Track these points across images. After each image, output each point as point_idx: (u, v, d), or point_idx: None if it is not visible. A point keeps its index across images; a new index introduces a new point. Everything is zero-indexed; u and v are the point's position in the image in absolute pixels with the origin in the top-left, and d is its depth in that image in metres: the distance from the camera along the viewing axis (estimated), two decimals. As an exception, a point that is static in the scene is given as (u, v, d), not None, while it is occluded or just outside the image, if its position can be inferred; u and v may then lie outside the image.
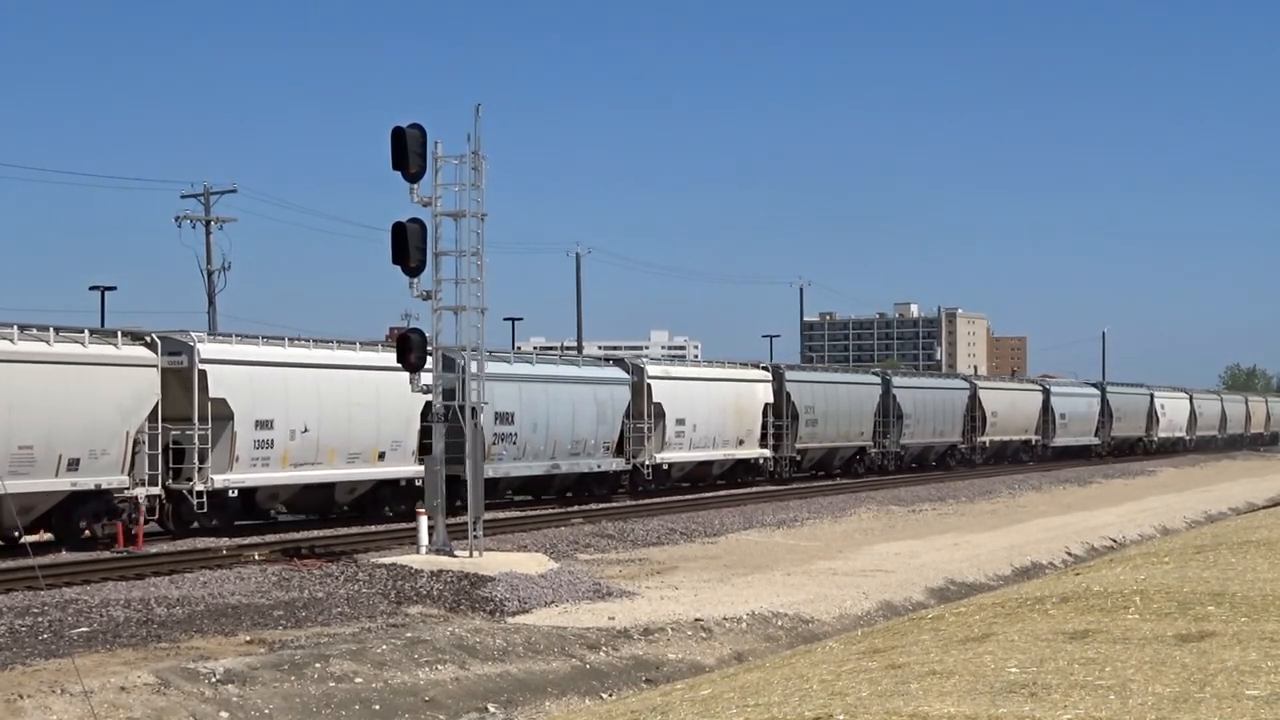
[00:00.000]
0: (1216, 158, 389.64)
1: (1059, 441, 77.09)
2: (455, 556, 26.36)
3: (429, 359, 27.35)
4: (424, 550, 26.96)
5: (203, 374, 30.63)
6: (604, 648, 20.73)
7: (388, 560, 26.37)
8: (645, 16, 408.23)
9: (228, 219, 57.91)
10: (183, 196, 57.81)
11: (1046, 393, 77.16)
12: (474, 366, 27.17)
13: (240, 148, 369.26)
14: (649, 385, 45.44)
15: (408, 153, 26.12)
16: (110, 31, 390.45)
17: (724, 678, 13.70)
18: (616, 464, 43.62)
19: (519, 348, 68.60)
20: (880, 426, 60.16)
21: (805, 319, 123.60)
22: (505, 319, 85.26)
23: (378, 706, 17.03)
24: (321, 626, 20.65)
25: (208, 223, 57.41)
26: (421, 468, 35.46)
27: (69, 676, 15.74)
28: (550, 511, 38.69)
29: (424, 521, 27.53)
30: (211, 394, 30.76)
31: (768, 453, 52.03)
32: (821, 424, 55.42)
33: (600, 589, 25.28)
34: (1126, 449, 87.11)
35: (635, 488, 44.93)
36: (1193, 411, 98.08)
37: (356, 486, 35.26)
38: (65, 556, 27.02)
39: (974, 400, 68.68)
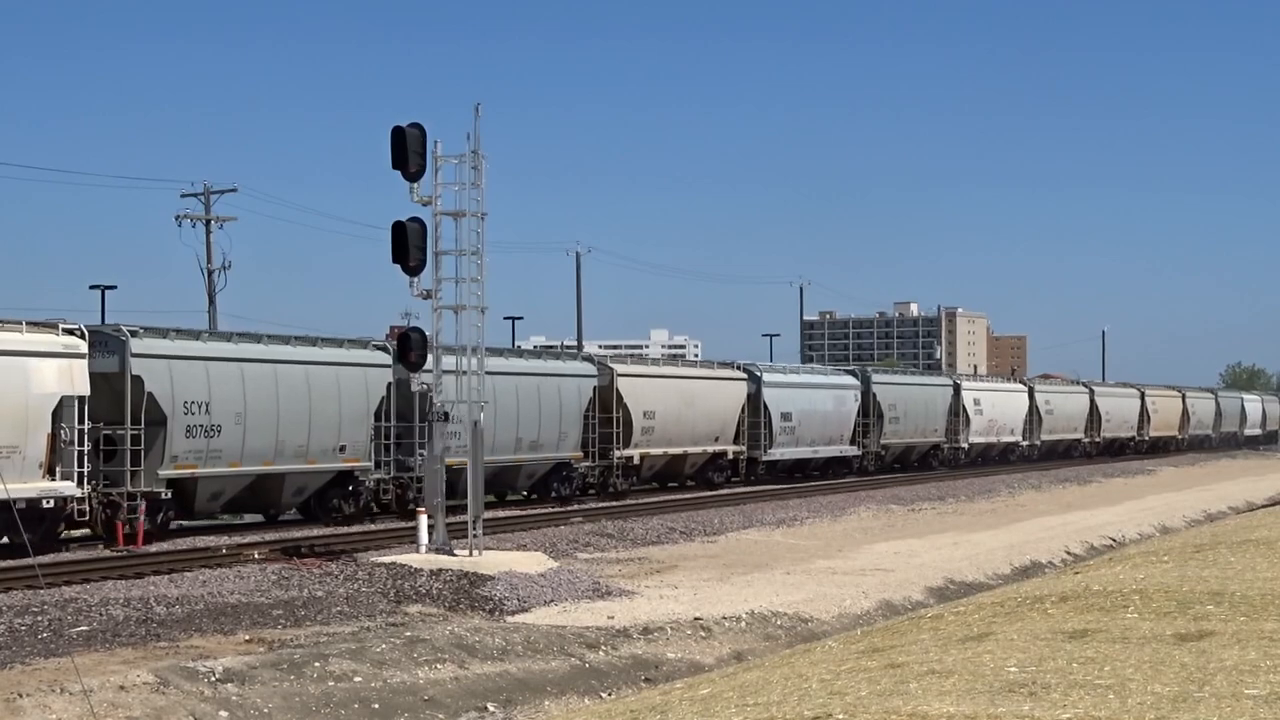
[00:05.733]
0: (1218, 156, 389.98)
1: (780, 453, 52.97)
2: (455, 555, 26.38)
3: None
4: (423, 549, 26.97)
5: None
6: (603, 647, 20.73)
7: (387, 559, 26.39)
8: (645, 16, 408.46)
9: (228, 218, 57.94)
10: (183, 195, 57.84)
11: (757, 382, 51.94)
12: (474, 365, 27.17)
13: (240, 147, 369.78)
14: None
15: (407, 152, 26.14)
16: (110, 31, 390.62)
17: (723, 677, 13.70)
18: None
19: (519, 346, 68.33)
20: (379, 433, 35.18)
21: (805, 318, 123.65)
22: (505, 318, 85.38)
23: (377, 706, 17.03)
24: (321, 625, 20.65)
25: (208, 222, 57.40)
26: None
27: (68, 675, 15.74)
28: (550, 510, 38.68)
29: (424, 520, 27.55)
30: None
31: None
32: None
33: (600, 588, 25.29)
34: (915, 460, 64.67)
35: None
36: (1034, 409, 74.66)
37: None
38: (65, 555, 27.03)
39: (610, 394, 43.27)
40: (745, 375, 51.43)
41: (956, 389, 67.03)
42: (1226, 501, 54.15)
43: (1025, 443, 73.46)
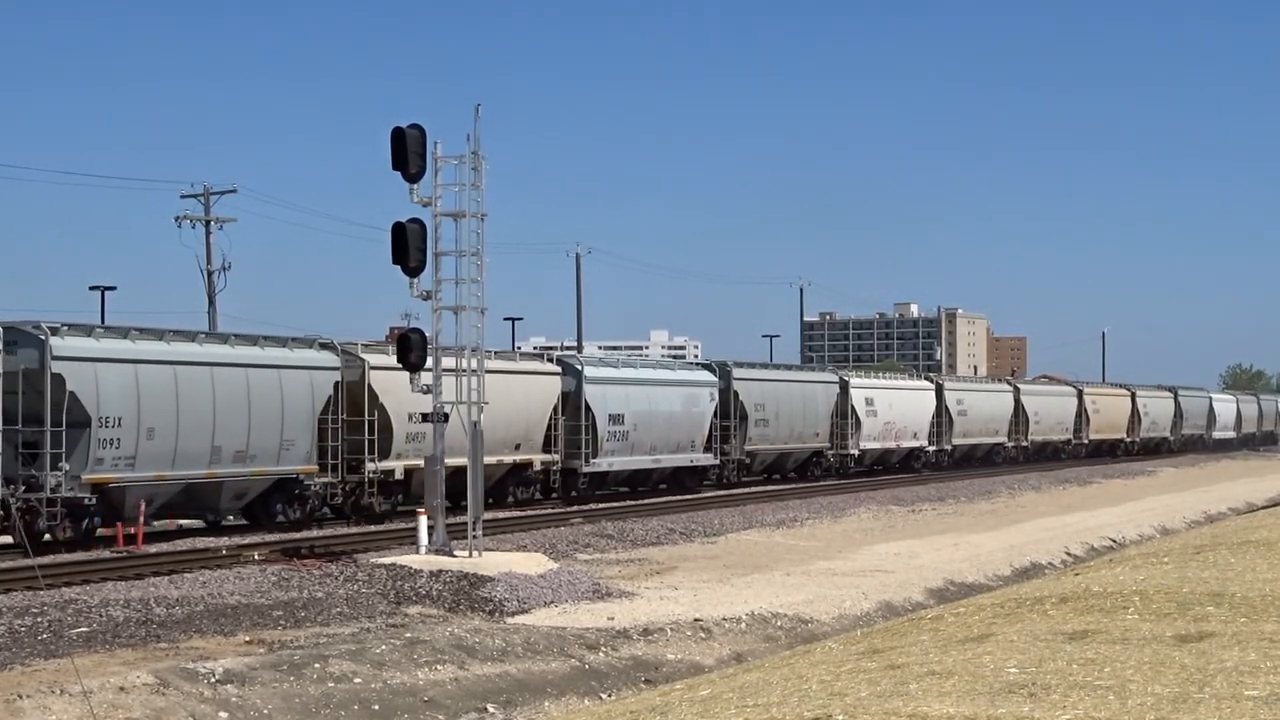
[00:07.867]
0: (1219, 156, 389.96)
1: (608, 463, 43.77)
2: (455, 556, 26.37)
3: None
4: (423, 550, 26.97)
5: None
6: (603, 648, 20.73)
7: (387, 560, 26.38)
8: (646, 15, 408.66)
9: (228, 219, 57.90)
10: (183, 196, 57.80)
11: (576, 377, 43.15)
12: (474, 365, 27.17)
13: (240, 148, 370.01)
14: None
15: (407, 153, 26.14)
16: (110, 31, 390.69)
17: (723, 678, 13.69)
18: None
19: (519, 347, 68.26)
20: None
21: (805, 319, 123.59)
22: (505, 319, 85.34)
23: (377, 707, 17.03)
24: (321, 626, 20.65)
25: (208, 223, 57.38)
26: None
27: (68, 676, 15.74)
28: (550, 511, 38.71)
29: (424, 521, 27.55)
30: None
31: None
32: None
33: (599, 589, 25.29)
34: (791, 469, 55.93)
35: None
36: (943, 410, 64.89)
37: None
38: (65, 556, 27.02)
39: (362, 391, 34.95)
40: (559, 369, 42.71)
41: (844, 386, 58.26)
42: (1226, 503, 54.14)
43: (932, 448, 64.76)
